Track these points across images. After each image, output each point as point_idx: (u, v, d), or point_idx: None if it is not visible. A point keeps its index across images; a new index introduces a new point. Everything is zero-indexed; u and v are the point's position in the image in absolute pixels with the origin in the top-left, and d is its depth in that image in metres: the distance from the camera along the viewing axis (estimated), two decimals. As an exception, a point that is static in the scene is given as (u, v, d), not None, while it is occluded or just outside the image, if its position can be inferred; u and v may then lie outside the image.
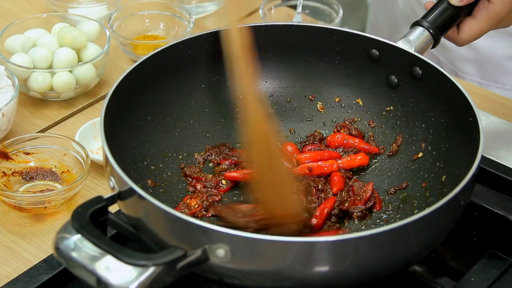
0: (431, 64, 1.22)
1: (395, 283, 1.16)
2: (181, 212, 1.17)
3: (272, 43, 1.31)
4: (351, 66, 1.31)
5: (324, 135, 1.31)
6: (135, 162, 1.21)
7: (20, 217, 1.29)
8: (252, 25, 1.30)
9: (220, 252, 0.98)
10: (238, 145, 1.30)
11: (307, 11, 1.72)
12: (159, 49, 1.24)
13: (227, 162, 1.26)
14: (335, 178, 1.24)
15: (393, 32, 1.81)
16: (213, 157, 1.28)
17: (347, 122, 1.31)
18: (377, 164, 1.28)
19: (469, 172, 1.06)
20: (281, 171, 1.13)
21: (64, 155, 1.35)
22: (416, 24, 1.27)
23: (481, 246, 1.25)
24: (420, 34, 1.26)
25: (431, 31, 1.25)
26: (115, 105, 1.16)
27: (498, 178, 1.29)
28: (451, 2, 1.26)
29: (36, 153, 1.35)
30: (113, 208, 1.10)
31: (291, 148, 1.28)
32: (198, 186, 1.23)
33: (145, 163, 1.23)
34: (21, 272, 1.18)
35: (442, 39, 1.31)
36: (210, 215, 1.19)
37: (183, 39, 1.26)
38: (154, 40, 1.65)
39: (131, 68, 1.20)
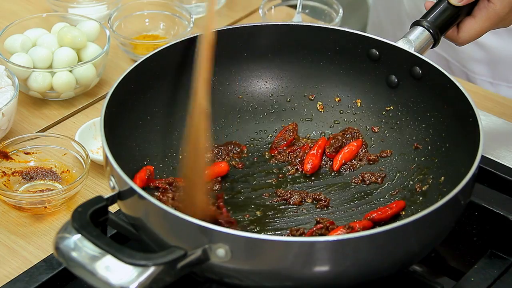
0: (431, 64, 1.22)
1: (395, 283, 1.16)
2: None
3: (272, 43, 1.31)
4: (351, 66, 1.31)
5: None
6: (135, 162, 1.21)
7: (20, 217, 1.29)
8: (252, 25, 1.31)
9: (220, 252, 0.98)
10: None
11: (307, 11, 1.72)
12: (159, 49, 1.24)
13: None
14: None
15: (398, 31, 1.81)
16: (222, 154, 1.28)
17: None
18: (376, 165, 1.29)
19: (469, 172, 1.06)
20: (198, 177, 1.10)
21: (64, 154, 1.35)
22: (416, 23, 1.27)
23: (481, 246, 1.25)
24: (420, 33, 1.25)
25: (431, 31, 1.25)
26: (115, 105, 1.16)
27: (498, 178, 1.29)
28: (451, 1, 1.26)
29: (36, 153, 1.35)
30: (113, 208, 1.10)
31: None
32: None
33: (145, 163, 1.23)
34: (21, 272, 1.18)
35: (445, 40, 1.31)
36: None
37: (183, 39, 1.26)
38: (154, 40, 1.65)
39: (131, 68, 1.20)
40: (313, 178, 1.27)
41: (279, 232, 1.18)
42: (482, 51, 1.69)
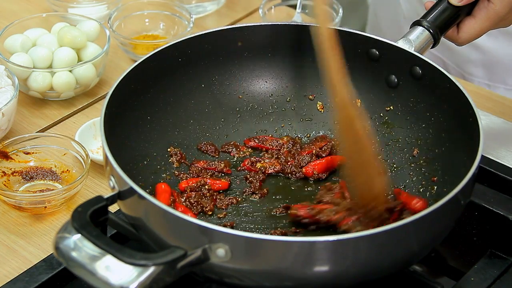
0: (431, 64, 1.22)
1: (395, 283, 1.16)
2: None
3: (272, 43, 1.31)
4: (351, 66, 1.30)
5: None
6: (135, 162, 1.21)
7: (20, 217, 1.30)
8: (252, 24, 1.31)
9: (220, 252, 0.98)
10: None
11: (307, 11, 1.72)
12: (159, 49, 1.24)
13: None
14: None
15: (395, 33, 1.81)
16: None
17: None
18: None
19: (469, 172, 1.06)
20: (367, 154, 1.13)
21: (64, 154, 1.35)
22: (416, 23, 1.27)
23: (481, 246, 1.25)
24: (420, 33, 1.25)
25: (431, 31, 1.25)
26: (115, 105, 1.16)
27: (498, 178, 1.29)
28: (451, 1, 1.26)
29: (36, 153, 1.35)
30: (113, 208, 1.10)
31: None
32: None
33: (145, 163, 1.23)
34: (21, 272, 1.18)
35: (445, 41, 1.31)
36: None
37: (183, 38, 1.26)
38: (154, 40, 1.65)
39: (131, 68, 1.20)
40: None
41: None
42: (478, 53, 1.69)
